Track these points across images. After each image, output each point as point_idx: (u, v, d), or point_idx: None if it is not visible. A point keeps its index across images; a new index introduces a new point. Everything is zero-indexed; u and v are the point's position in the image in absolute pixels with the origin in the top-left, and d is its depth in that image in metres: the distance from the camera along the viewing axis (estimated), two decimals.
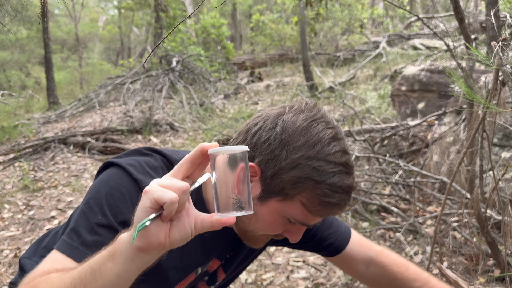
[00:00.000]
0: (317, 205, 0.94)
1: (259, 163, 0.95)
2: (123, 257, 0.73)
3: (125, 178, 0.98)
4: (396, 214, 3.33)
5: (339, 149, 0.93)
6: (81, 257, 0.88)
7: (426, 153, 3.39)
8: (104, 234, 0.92)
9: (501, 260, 2.36)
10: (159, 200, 0.69)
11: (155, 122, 7.02)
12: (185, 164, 0.74)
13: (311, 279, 2.66)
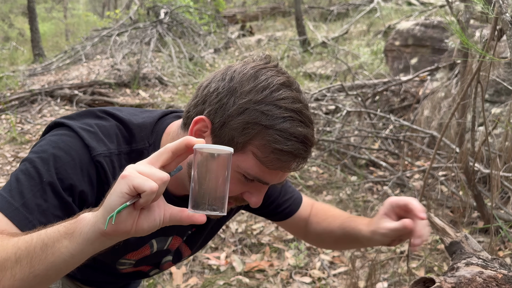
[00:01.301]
0: (269, 154, 0.87)
1: (208, 114, 0.91)
2: (83, 238, 0.70)
3: (76, 142, 0.92)
4: (384, 169, 3.37)
5: (289, 95, 0.88)
6: (20, 221, 0.82)
7: (417, 109, 3.39)
8: (49, 200, 0.86)
9: (485, 213, 2.42)
10: (138, 187, 0.67)
11: (143, 76, 6.89)
12: (166, 154, 0.72)
13: None
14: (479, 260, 1.10)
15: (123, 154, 0.99)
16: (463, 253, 1.16)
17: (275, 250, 2.51)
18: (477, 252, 1.17)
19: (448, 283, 1.05)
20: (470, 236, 1.22)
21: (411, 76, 3.76)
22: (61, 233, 0.71)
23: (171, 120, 1.07)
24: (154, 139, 1.03)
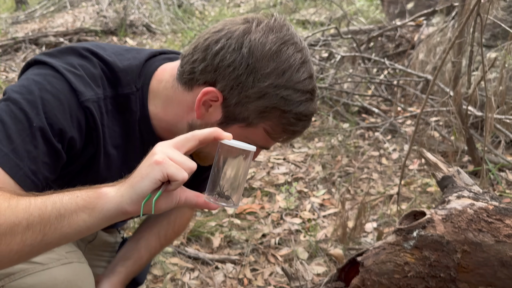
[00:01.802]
0: (280, 133, 0.94)
1: (222, 88, 0.89)
2: (104, 215, 0.70)
3: (63, 85, 0.87)
4: (376, 115, 3.34)
5: (307, 76, 0.90)
6: (11, 167, 0.78)
7: (412, 54, 3.32)
8: (39, 146, 0.81)
9: (476, 156, 2.43)
10: (172, 176, 0.69)
11: (130, 23, 6.65)
12: (193, 142, 0.73)
13: (291, 174, 2.72)
14: (471, 193, 1.09)
15: (109, 99, 0.95)
16: (454, 187, 1.15)
17: (266, 194, 2.52)
18: (468, 186, 1.16)
19: (438, 215, 1.05)
20: (462, 171, 1.21)
21: (407, 20, 3.65)
22: (79, 206, 0.69)
23: (160, 62, 1.02)
24: (142, 83, 0.99)
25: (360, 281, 1.09)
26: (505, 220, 0.97)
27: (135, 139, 1.00)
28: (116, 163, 0.99)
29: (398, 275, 1.04)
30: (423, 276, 1.02)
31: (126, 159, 1.01)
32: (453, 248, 0.98)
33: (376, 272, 1.06)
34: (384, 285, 1.05)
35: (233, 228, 2.13)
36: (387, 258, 1.06)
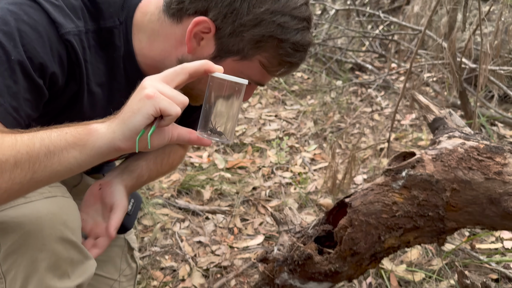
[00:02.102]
0: (276, 66, 0.89)
1: (215, 17, 0.84)
2: (96, 151, 0.68)
3: (41, 16, 0.80)
4: (370, 72, 3.30)
5: (303, 2, 0.86)
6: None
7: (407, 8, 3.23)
8: (19, 81, 0.76)
9: (468, 110, 2.41)
10: (164, 111, 0.67)
11: None
12: (183, 75, 0.71)
13: (282, 130, 2.70)
14: (462, 134, 1.08)
15: (91, 33, 0.89)
16: (446, 128, 1.13)
17: (257, 149, 2.50)
18: (460, 128, 1.14)
19: (428, 155, 1.03)
20: (454, 113, 1.18)
21: None
22: (69, 143, 0.67)
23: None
24: (125, 16, 0.92)
25: (347, 222, 1.08)
26: (495, 158, 0.96)
27: (120, 77, 0.96)
28: (101, 102, 0.95)
29: (386, 215, 1.03)
30: (411, 216, 1.02)
31: (111, 98, 0.97)
32: (442, 186, 0.97)
33: (363, 213, 1.05)
34: (371, 225, 1.05)
35: (224, 182, 2.12)
36: (375, 198, 1.05)
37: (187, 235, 1.73)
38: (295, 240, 1.22)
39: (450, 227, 1.01)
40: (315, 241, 1.22)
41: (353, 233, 1.07)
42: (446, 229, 1.02)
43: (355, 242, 1.07)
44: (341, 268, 1.13)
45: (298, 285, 1.20)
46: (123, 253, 1.28)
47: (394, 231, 1.05)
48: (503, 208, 0.93)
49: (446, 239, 1.62)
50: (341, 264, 1.13)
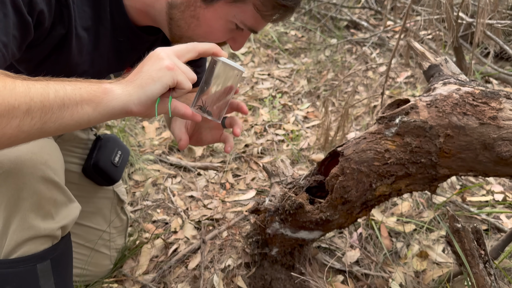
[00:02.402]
0: (271, 10, 0.87)
1: None
2: (108, 111, 0.69)
3: None
4: (365, 30, 3.22)
5: None
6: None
7: None
8: (9, 15, 0.71)
9: (463, 67, 2.37)
10: (180, 84, 0.71)
11: None
12: (193, 53, 0.75)
13: (275, 89, 2.66)
14: (457, 81, 1.05)
15: None
16: (441, 75, 1.11)
17: (249, 108, 2.47)
18: (455, 75, 1.12)
19: (423, 101, 1.01)
20: (450, 60, 1.15)
21: None
22: (84, 98, 0.67)
23: None
24: None
25: (339, 170, 1.07)
26: (490, 103, 0.94)
27: (106, 22, 0.92)
28: (87, 48, 0.91)
29: (378, 163, 1.02)
30: (404, 163, 1.01)
31: (97, 44, 0.93)
32: (436, 133, 0.96)
33: (355, 161, 1.04)
34: (363, 173, 1.04)
35: None
36: (367, 146, 1.04)
37: (179, 190, 1.72)
38: (286, 190, 1.21)
39: (443, 174, 1.01)
40: (307, 192, 1.22)
41: (344, 181, 1.06)
42: (438, 176, 1.01)
43: (346, 190, 1.07)
44: (332, 216, 1.13)
45: (289, 234, 1.21)
46: (112, 205, 1.27)
47: (385, 178, 1.04)
48: (497, 153, 0.92)
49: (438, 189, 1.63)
50: (332, 212, 1.13)
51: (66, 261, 0.89)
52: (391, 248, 1.34)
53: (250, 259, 1.30)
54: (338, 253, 1.32)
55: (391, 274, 1.24)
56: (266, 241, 1.28)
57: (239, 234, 1.39)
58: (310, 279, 1.12)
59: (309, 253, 1.32)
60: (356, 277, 1.24)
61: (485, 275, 0.89)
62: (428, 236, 1.38)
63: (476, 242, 0.92)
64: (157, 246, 1.40)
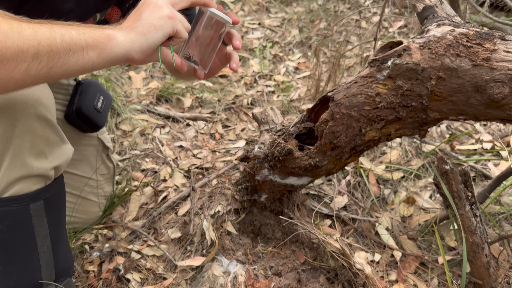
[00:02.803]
0: None
1: None
2: (111, 57, 0.69)
3: None
4: None
5: None
6: None
7: None
8: None
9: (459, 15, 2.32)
10: (178, 33, 0.74)
11: None
12: (185, 2, 0.76)
13: (266, 39, 2.59)
14: (452, 22, 1.02)
15: None
16: (435, 17, 1.07)
17: (239, 58, 2.41)
18: (450, 17, 1.08)
19: (416, 43, 0.98)
20: (445, 1, 1.11)
21: None
22: (88, 44, 0.67)
23: None
24: None
25: (329, 116, 1.05)
26: (484, 44, 0.91)
27: None
28: None
29: (368, 107, 1.01)
30: (394, 107, 0.99)
31: None
32: (428, 75, 0.94)
33: (346, 105, 1.02)
34: (353, 117, 1.02)
35: (205, 90, 2.06)
36: (358, 90, 1.02)
37: (168, 140, 1.71)
38: (276, 137, 1.20)
39: (433, 117, 1.00)
40: (296, 139, 1.21)
41: (334, 126, 1.05)
42: (428, 120, 1.00)
43: (335, 135, 1.06)
44: (321, 162, 1.13)
45: (278, 180, 1.21)
46: (97, 152, 1.25)
47: (375, 123, 1.03)
48: (488, 96, 0.90)
49: (427, 137, 1.63)
50: (321, 158, 1.12)
51: (59, 202, 0.88)
52: (379, 195, 1.36)
53: (240, 205, 1.31)
54: (326, 199, 1.33)
55: (378, 219, 1.25)
56: (255, 188, 1.28)
57: (228, 182, 1.39)
58: (298, 223, 1.13)
59: (297, 200, 1.33)
60: (343, 222, 1.26)
61: (471, 217, 0.90)
62: (416, 183, 1.39)
63: (463, 184, 0.92)
64: (146, 193, 1.40)
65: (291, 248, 1.22)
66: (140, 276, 1.10)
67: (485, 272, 0.94)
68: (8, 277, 0.75)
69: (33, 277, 0.78)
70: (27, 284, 0.78)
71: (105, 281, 1.07)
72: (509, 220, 1.20)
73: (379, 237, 1.20)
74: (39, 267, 0.79)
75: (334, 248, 1.03)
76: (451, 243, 1.15)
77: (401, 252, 1.13)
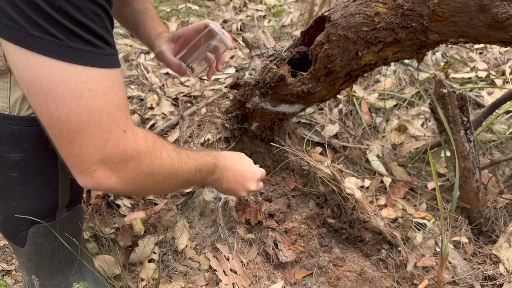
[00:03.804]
0: None
1: None
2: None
3: None
4: None
5: None
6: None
7: None
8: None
9: None
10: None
11: None
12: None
13: None
14: None
15: None
16: None
17: None
18: None
19: None
20: None
21: None
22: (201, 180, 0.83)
23: None
24: None
25: (325, 38, 1.00)
26: None
27: None
28: None
29: (366, 28, 0.95)
30: (393, 28, 0.94)
31: None
32: None
33: (343, 26, 0.96)
34: (350, 39, 0.97)
35: (191, 14, 1.95)
36: (356, 10, 0.95)
37: (153, 66, 1.63)
38: (267, 63, 1.15)
39: (432, 40, 0.95)
40: (289, 65, 1.16)
41: (329, 49, 1.00)
42: (427, 42, 0.96)
43: (330, 59, 1.01)
44: (314, 88, 1.09)
45: (269, 107, 1.17)
46: None
47: (373, 45, 0.98)
48: (492, 15, 0.85)
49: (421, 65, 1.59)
50: (314, 84, 1.08)
51: None
52: (370, 123, 1.34)
53: (230, 134, 1.28)
54: (317, 127, 1.31)
55: (369, 146, 1.25)
56: (245, 116, 1.25)
57: (218, 111, 1.36)
58: (289, 150, 1.12)
59: (288, 128, 1.31)
60: (334, 149, 1.25)
61: (465, 142, 0.89)
62: (408, 111, 1.37)
63: (459, 109, 0.90)
64: (133, 121, 1.36)
65: (282, 175, 1.22)
66: (130, 202, 1.09)
67: (474, 197, 0.95)
68: (25, 198, 0.73)
69: (50, 200, 0.76)
70: (43, 207, 0.76)
71: (94, 207, 1.06)
72: (499, 148, 1.21)
73: (369, 164, 1.20)
74: (58, 191, 0.77)
75: (324, 174, 1.03)
76: (441, 169, 1.16)
77: (391, 178, 1.13)
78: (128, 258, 0.95)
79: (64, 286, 0.82)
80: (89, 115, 0.55)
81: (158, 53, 1.02)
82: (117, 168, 0.60)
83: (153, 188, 0.69)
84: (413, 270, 0.92)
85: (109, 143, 0.57)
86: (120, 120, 0.58)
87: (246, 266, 0.94)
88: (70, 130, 0.55)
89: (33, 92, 0.54)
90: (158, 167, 0.67)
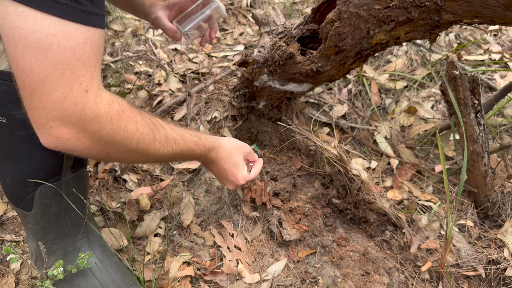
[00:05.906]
0: None
1: None
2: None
3: None
4: None
5: None
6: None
7: None
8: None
9: None
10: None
11: None
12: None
13: None
14: None
15: None
16: None
17: None
18: None
19: None
20: None
21: None
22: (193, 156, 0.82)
23: None
24: None
25: (336, 15, 0.98)
26: None
27: None
28: None
29: (379, 6, 0.93)
30: (406, 6, 0.92)
31: None
32: None
33: (355, 4, 0.94)
34: (361, 17, 0.95)
35: None
36: None
37: (162, 42, 1.62)
38: (277, 40, 1.13)
39: (446, 20, 0.93)
40: (298, 42, 1.14)
41: (340, 27, 0.98)
42: (441, 22, 0.93)
43: (341, 37, 0.99)
44: (324, 67, 1.07)
45: (278, 86, 1.16)
46: None
47: (385, 24, 0.96)
48: None
49: (434, 46, 1.56)
50: (324, 63, 1.07)
51: None
52: (380, 104, 1.32)
53: (237, 112, 1.28)
54: (326, 107, 1.30)
55: (377, 128, 1.24)
56: (253, 95, 1.24)
57: (226, 88, 1.35)
58: (296, 129, 1.11)
59: (296, 107, 1.30)
60: (342, 130, 1.24)
61: (474, 125, 0.88)
62: (419, 93, 1.35)
63: (470, 92, 0.88)
64: (141, 97, 1.35)
65: (288, 154, 1.21)
66: (137, 177, 1.10)
67: (481, 181, 0.94)
68: (31, 157, 0.73)
69: (55, 159, 0.76)
70: (48, 166, 0.76)
71: (101, 181, 1.07)
72: (510, 132, 1.19)
73: (377, 145, 1.19)
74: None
75: (331, 154, 1.02)
76: (449, 153, 1.15)
77: (398, 160, 1.13)
78: (134, 232, 0.97)
79: (71, 249, 0.83)
80: (52, 68, 0.54)
81: (154, 19, 1.05)
82: (76, 129, 0.58)
83: (119, 157, 0.68)
84: (417, 252, 0.92)
85: (68, 100, 0.56)
86: (84, 78, 0.57)
87: (250, 243, 0.95)
88: (31, 81, 0.55)
89: (6, 41, 0.55)
90: (121, 138, 0.65)
